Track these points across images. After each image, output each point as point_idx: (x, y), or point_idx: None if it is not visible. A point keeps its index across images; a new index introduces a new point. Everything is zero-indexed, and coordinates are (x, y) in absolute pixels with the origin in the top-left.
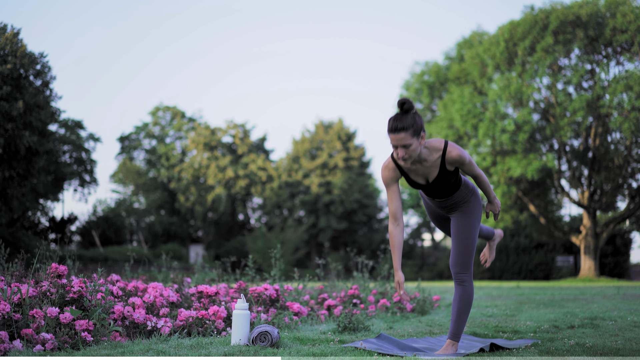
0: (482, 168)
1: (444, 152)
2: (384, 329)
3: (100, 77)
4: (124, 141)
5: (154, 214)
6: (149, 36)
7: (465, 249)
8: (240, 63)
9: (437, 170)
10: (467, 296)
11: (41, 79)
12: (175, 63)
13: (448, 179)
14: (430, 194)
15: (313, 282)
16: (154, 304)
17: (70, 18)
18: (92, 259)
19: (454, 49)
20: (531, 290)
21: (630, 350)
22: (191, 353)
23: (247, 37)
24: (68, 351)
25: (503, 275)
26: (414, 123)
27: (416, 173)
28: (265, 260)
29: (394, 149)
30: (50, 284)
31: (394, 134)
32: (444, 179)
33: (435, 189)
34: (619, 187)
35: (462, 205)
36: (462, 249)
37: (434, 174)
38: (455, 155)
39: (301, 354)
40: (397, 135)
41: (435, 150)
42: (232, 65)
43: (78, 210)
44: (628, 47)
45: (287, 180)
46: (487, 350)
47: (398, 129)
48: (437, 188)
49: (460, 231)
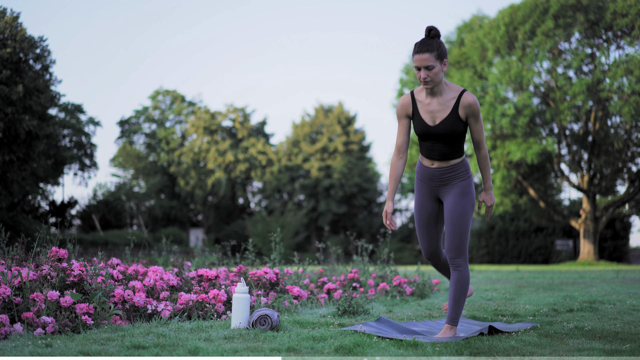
0: None
1: (461, 94)
2: (384, 312)
3: (101, 61)
4: (124, 125)
5: (154, 198)
6: (150, 21)
7: (460, 232)
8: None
9: (448, 112)
10: (463, 280)
11: (41, 62)
12: (176, 47)
13: (455, 126)
14: (434, 140)
15: (313, 265)
16: (154, 288)
17: (71, 2)
18: (93, 242)
19: (454, 33)
20: (530, 274)
21: (629, 334)
22: (191, 336)
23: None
24: (68, 334)
25: (502, 259)
26: (438, 47)
27: (427, 110)
28: (265, 244)
29: (416, 71)
30: (50, 268)
31: (419, 54)
32: (451, 124)
33: (439, 135)
34: (618, 171)
35: (457, 182)
36: (457, 233)
37: (443, 114)
38: (470, 100)
39: (301, 337)
40: (422, 55)
41: (453, 90)
42: (232, 50)
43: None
44: (628, 31)
45: (287, 164)
46: (486, 334)
47: (423, 50)
48: (441, 134)
49: (455, 214)
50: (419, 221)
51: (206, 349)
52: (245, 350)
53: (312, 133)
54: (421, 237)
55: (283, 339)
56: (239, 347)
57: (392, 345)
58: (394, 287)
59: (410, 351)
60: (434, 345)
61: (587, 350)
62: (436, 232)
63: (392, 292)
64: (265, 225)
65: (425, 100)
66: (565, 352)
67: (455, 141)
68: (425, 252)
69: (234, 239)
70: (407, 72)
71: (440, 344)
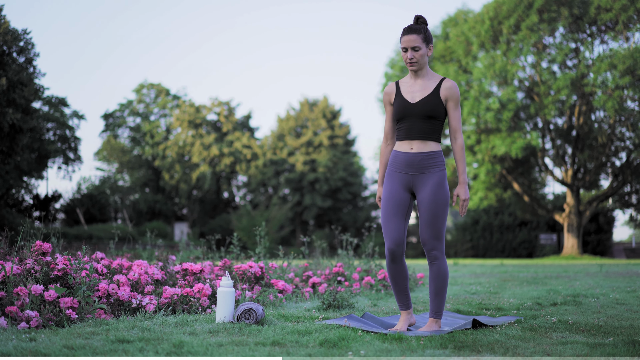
0: (467, 146)
1: (442, 79)
2: (368, 306)
3: (85, 55)
4: (108, 119)
5: (139, 192)
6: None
7: (437, 223)
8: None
9: (429, 92)
10: (442, 273)
11: (24, 55)
12: (160, 41)
13: (433, 106)
14: (412, 118)
15: (298, 259)
16: (139, 282)
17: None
18: (77, 236)
19: (439, 27)
20: (515, 267)
21: (612, 327)
22: (176, 330)
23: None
24: (52, 328)
25: (487, 253)
26: (425, 31)
27: (409, 90)
28: (250, 238)
29: (403, 53)
30: (34, 262)
31: (407, 35)
32: (430, 103)
33: (417, 113)
34: (602, 166)
35: (435, 171)
36: (434, 224)
37: (424, 93)
38: (450, 84)
39: (286, 331)
40: (410, 36)
41: (436, 77)
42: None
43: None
44: (612, 25)
45: (272, 158)
46: (470, 327)
47: (411, 32)
48: (419, 112)
49: (432, 204)
50: (389, 209)
51: (191, 342)
52: (230, 344)
53: (297, 127)
54: (389, 225)
55: (268, 332)
56: (223, 341)
57: (376, 339)
58: (379, 280)
59: (395, 345)
60: (419, 339)
61: (571, 343)
62: (404, 224)
63: (377, 286)
64: (250, 219)
65: (408, 82)
66: (548, 346)
67: (434, 121)
68: (393, 242)
69: (219, 233)
70: (392, 66)
71: (425, 338)
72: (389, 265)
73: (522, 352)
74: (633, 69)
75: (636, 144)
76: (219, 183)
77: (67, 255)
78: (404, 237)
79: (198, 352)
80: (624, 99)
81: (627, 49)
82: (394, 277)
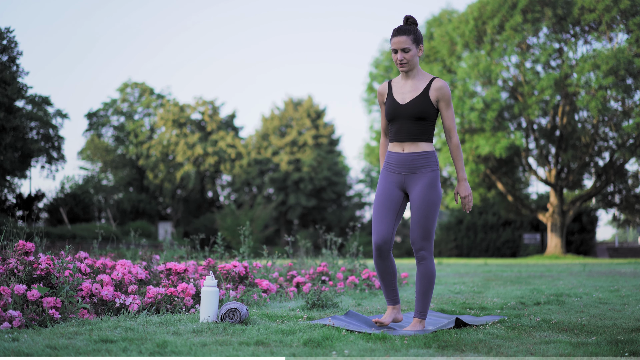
0: None
1: (432, 79)
2: (353, 305)
3: (69, 54)
4: (92, 118)
5: (123, 191)
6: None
7: (427, 223)
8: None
9: (419, 93)
10: (429, 273)
11: (7, 54)
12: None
13: (423, 107)
14: (402, 119)
15: (282, 259)
16: (123, 281)
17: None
18: (60, 236)
19: (423, 27)
20: (498, 267)
21: (595, 326)
22: (160, 330)
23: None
24: (35, 328)
25: (471, 253)
26: (415, 32)
27: (400, 91)
28: (234, 237)
29: (393, 54)
30: (17, 261)
31: (397, 37)
32: (420, 104)
33: (407, 115)
34: (585, 166)
35: (427, 172)
36: (424, 224)
37: (414, 94)
38: (441, 83)
39: (270, 331)
40: (400, 38)
41: (426, 76)
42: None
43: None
44: (596, 26)
45: (256, 157)
46: (453, 327)
47: (401, 33)
48: (409, 114)
49: (423, 204)
50: (381, 204)
51: (174, 342)
52: (214, 344)
53: (282, 126)
54: (378, 222)
55: (252, 332)
56: (207, 341)
57: (360, 338)
58: (363, 280)
59: (379, 344)
60: (403, 339)
61: (554, 343)
62: (394, 221)
63: (361, 286)
64: (235, 218)
65: (400, 83)
66: (532, 345)
67: (424, 123)
68: (380, 238)
69: (203, 232)
70: (377, 66)
71: (409, 337)
72: (376, 261)
73: (505, 352)
74: (616, 69)
75: (619, 144)
76: (203, 182)
77: (50, 254)
78: (392, 234)
79: (182, 351)
80: (607, 99)
81: (610, 49)
82: (381, 274)
